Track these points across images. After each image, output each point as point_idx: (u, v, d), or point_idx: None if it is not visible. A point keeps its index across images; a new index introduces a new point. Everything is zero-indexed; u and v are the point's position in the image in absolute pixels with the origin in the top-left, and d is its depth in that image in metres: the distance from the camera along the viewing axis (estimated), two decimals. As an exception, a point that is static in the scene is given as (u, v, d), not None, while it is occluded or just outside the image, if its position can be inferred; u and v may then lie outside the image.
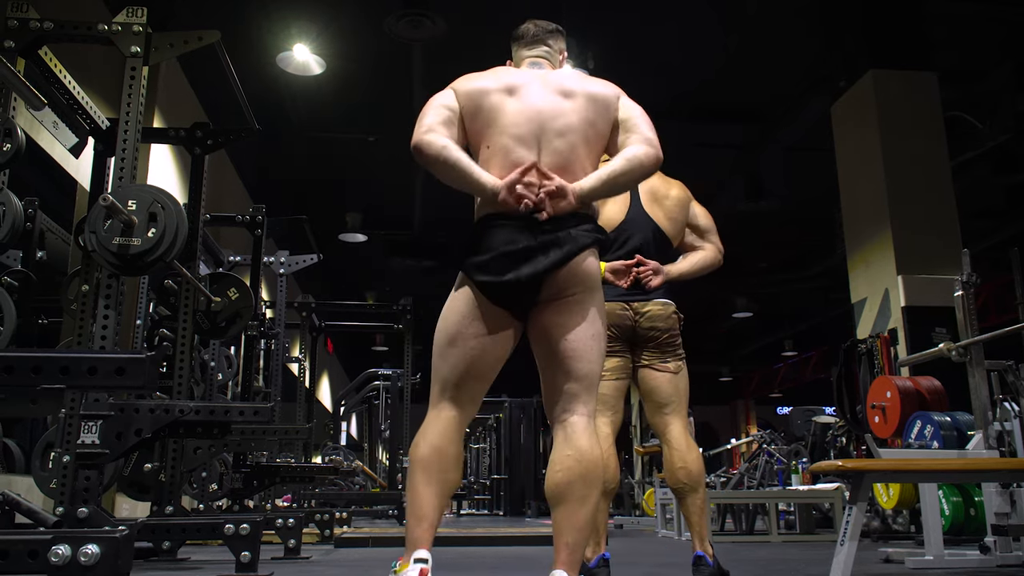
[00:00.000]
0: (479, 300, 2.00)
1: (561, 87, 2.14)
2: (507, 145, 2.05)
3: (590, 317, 2.01)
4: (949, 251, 7.20)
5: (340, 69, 8.26)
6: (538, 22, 2.43)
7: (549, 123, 2.07)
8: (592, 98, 2.13)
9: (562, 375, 2.00)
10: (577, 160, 2.07)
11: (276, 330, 7.13)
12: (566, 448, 1.94)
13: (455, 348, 2.00)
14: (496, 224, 2.00)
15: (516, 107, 2.08)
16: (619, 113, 2.16)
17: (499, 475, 13.37)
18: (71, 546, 1.65)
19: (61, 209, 5.71)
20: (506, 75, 2.18)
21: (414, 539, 1.89)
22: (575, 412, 1.98)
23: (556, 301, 1.99)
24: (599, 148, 2.15)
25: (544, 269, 1.94)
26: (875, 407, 6.01)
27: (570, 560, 1.85)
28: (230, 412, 3.16)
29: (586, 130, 2.10)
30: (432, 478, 1.93)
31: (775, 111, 9.30)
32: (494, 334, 2.00)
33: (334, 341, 17.72)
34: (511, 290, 1.97)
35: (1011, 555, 3.65)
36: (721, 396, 24.57)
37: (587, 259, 2.00)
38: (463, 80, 2.20)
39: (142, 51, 2.98)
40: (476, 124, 2.11)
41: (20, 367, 1.95)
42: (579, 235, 1.98)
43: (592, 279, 2.02)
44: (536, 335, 2.05)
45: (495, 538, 5.52)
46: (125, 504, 6.10)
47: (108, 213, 2.59)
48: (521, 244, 1.95)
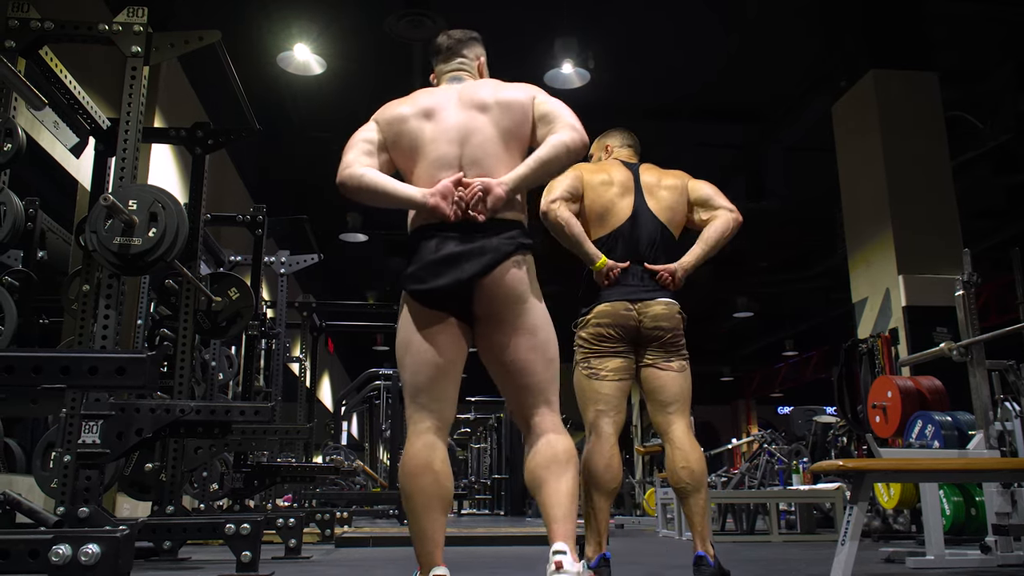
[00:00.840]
0: (418, 308, 2.08)
1: (475, 100, 2.19)
2: (430, 168, 2.12)
3: (528, 330, 2.08)
4: (950, 251, 7.20)
5: (341, 69, 8.27)
6: (452, 33, 2.46)
7: (467, 140, 2.13)
8: (507, 106, 2.18)
9: (514, 388, 2.11)
10: (500, 171, 2.11)
11: (277, 330, 7.13)
12: (535, 440, 2.07)
13: (410, 356, 2.08)
14: (426, 234, 2.07)
15: (434, 130, 2.15)
16: (536, 110, 2.19)
17: (500, 475, 13.37)
18: (72, 546, 1.65)
19: (62, 209, 5.71)
20: (423, 98, 2.23)
21: (426, 560, 1.96)
22: (536, 414, 2.09)
23: (492, 319, 2.06)
24: (521, 153, 2.19)
25: (467, 278, 2.00)
26: (876, 407, 6.01)
27: (564, 532, 1.92)
28: (231, 412, 3.16)
29: (505, 140, 2.15)
30: (428, 501, 1.98)
31: (776, 111, 9.30)
32: (441, 337, 2.06)
33: (335, 341, 17.72)
34: (439, 296, 2.04)
35: (1012, 555, 3.65)
36: (722, 396, 24.56)
37: (509, 270, 2.05)
38: (383, 109, 2.27)
39: (143, 51, 2.98)
40: (400, 151, 2.19)
41: (21, 367, 1.95)
42: (501, 244, 2.04)
43: (519, 291, 2.06)
44: (482, 352, 2.13)
45: (496, 538, 5.52)
46: (126, 504, 6.10)
47: (109, 213, 2.59)
48: (445, 251, 2.02)
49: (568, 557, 1.85)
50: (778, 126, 9.52)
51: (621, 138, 3.24)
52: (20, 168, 3.14)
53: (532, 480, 2.02)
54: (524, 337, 2.07)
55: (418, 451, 2.02)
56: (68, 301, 4.07)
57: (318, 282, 13.22)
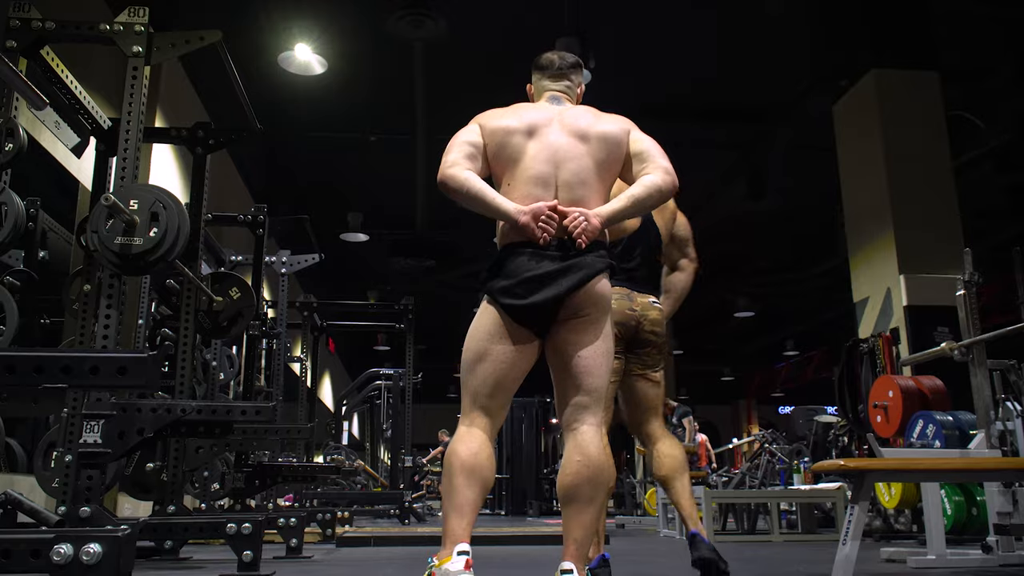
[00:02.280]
0: (504, 320, 2.18)
1: (577, 129, 2.30)
2: (526, 184, 2.23)
3: (601, 336, 2.20)
4: (951, 250, 7.19)
5: (342, 69, 8.27)
6: (563, 55, 2.56)
7: (564, 164, 2.25)
8: (604, 139, 2.30)
9: (573, 388, 2.18)
10: (591, 197, 2.24)
11: (278, 330, 7.13)
12: (576, 454, 2.11)
13: (483, 364, 2.18)
14: (519, 251, 2.18)
15: (536, 148, 2.26)
16: (631, 147, 2.33)
17: (501, 475, 13.38)
18: (73, 545, 1.65)
19: (63, 209, 5.71)
20: (527, 114, 2.34)
21: (455, 534, 2.01)
22: (585, 422, 2.16)
23: (571, 320, 2.18)
24: (610, 184, 2.33)
25: (564, 292, 2.12)
26: (877, 406, 6.00)
27: (577, 554, 2.04)
28: (232, 411, 3.17)
29: (599, 171, 2.28)
30: (473, 480, 2.07)
31: (777, 110, 9.30)
32: (518, 350, 2.19)
33: (336, 341, 17.72)
34: (533, 312, 2.15)
35: (1013, 554, 3.65)
36: (723, 396, 24.57)
37: (599, 282, 2.18)
38: (488, 117, 2.35)
39: (144, 51, 2.98)
40: (499, 161, 2.30)
41: (22, 366, 1.95)
42: (594, 261, 2.16)
43: (604, 301, 2.20)
44: (552, 351, 2.23)
45: (497, 537, 5.52)
46: (127, 504, 6.11)
47: (110, 213, 2.60)
48: (542, 270, 2.13)
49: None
50: (779, 125, 9.51)
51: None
52: (21, 168, 3.14)
53: (564, 496, 2.11)
54: (598, 341, 2.19)
55: (473, 438, 2.13)
56: (69, 301, 4.07)
57: (319, 282, 13.23)
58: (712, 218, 11.22)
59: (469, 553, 1.96)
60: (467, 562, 1.93)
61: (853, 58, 8.27)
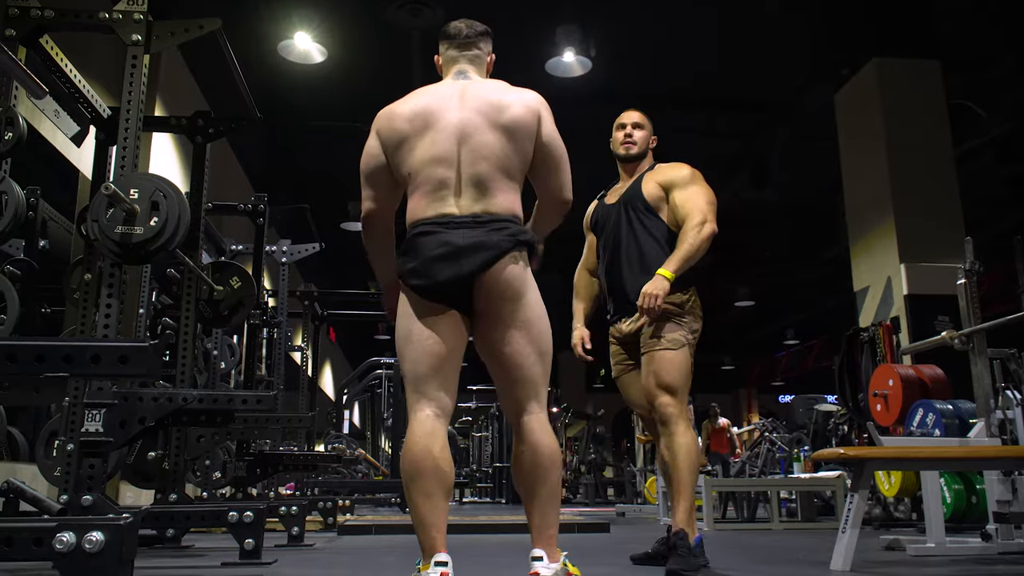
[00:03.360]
0: (417, 301, 2.13)
1: (481, 103, 2.20)
2: (428, 165, 2.16)
3: (522, 324, 2.12)
4: (952, 239, 7.19)
5: (341, 57, 8.24)
6: (471, 23, 2.44)
7: (467, 140, 2.15)
8: (511, 115, 2.19)
9: (507, 382, 2.15)
10: (494, 176, 2.15)
11: (278, 319, 7.13)
12: (520, 445, 2.13)
13: (411, 346, 2.13)
14: (425, 231, 2.12)
15: (436, 130, 2.18)
16: (541, 148, 2.22)
17: (501, 463, 13.40)
18: (76, 533, 1.65)
19: (63, 198, 5.71)
20: (423, 99, 2.26)
21: (428, 546, 2.00)
22: (526, 412, 2.14)
23: (490, 314, 2.12)
24: (520, 162, 2.21)
25: (465, 273, 2.06)
26: (877, 395, 6.01)
27: (544, 539, 2.05)
28: (233, 400, 3.18)
29: (504, 148, 2.17)
30: (429, 487, 2.02)
31: (779, 100, 9.27)
32: (441, 326, 2.12)
33: (336, 330, 17.72)
34: (439, 290, 2.09)
35: (1013, 542, 3.66)
36: (723, 385, 24.58)
37: (507, 267, 2.08)
38: (384, 118, 2.28)
39: (143, 39, 2.97)
40: (400, 154, 2.21)
41: (23, 355, 1.95)
42: (500, 240, 2.07)
43: (513, 288, 2.10)
44: (479, 346, 2.19)
45: (497, 526, 5.54)
46: (129, 492, 6.13)
47: (110, 202, 2.59)
48: (445, 249, 2.07)
49: (545, 563, 2.00)
50: (780, 115, 9.48)
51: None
52: (21, 157, 3.14)
53: (518, 484, 2.14)
54: (519, 331, 2.11)
55: (419, 439, 2.05)
56: (70, 290, 4.07)
57: (319, 271, 13.22)
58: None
59: (447, 564, 1.96)
60: (442, 574, 1.94)
61: (854, 47, 8.24)
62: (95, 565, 1.64)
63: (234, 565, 3.14)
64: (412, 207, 2.18)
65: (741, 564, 3.44)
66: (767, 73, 8.81)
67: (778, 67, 8.70)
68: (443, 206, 2.12)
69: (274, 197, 5.72)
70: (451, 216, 2.10)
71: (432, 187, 2.14)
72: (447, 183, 2.13)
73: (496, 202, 2.12)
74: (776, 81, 8.95)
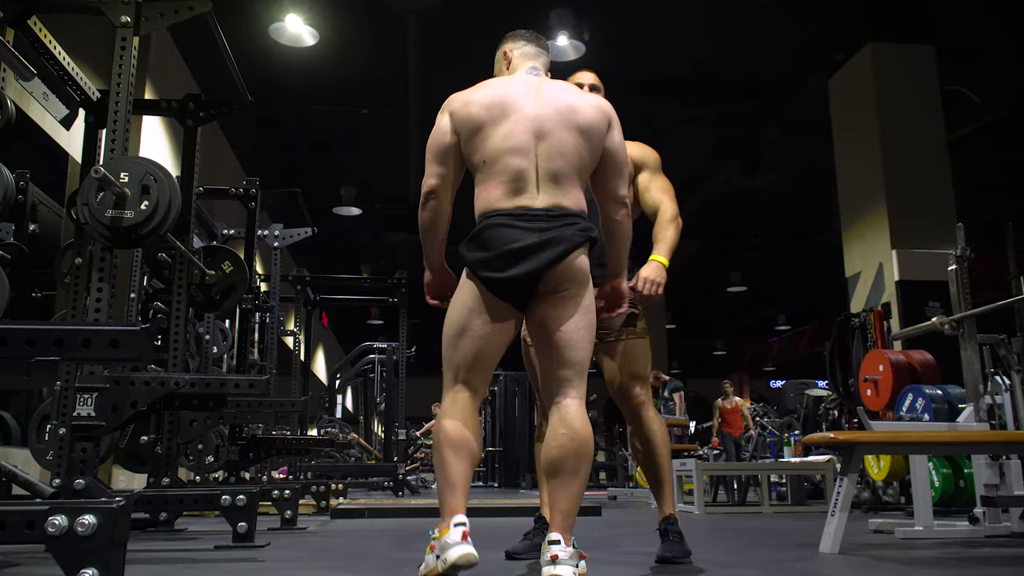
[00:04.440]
0: (483, 294, 2.18)
1: (556, 102, 2.27)
2: (505, 155, 2.21)
3: (582, 309, 2.18)
4: (944, 226, 7.22)
5: (333, 40, 8.19)
6: (540, 36, 2.57)
7: (545, 136, 2.22)
8: (586, 117, 2.26)
9: (556, 362, 2.18)
10: (568, 173, 2.22)
11: (271, 303, 7.12)
12: (561, 427, 2.12)
13: (464, 338, 2.19)
14: (497, 223, 2.17)
15: (512, 120, 2.23)
16: (611, 134, 2.31)
17: (494, 447, 13.46)
18: (68, 517, 1.65)
19: (53, 182, 5.67)
20: (501, 88, 2.31)
21: (451, 506, 2.06)
22: (568, 396, 2.16)
23: (551, 295, 2.17)
24: (589, 161, 2.28)
25: (543, 266, 2.12)
26: (867, 380, 6.05)
27: (564, 524, 2.05)
28: (225, 385, 3.17)
29: (577, 146, 2.24)
30: (460, 452, 2.11)
31: (772, 85, 9.25)
32: (498, 324, 2.19)
33: (329, 315, 17.71)
34: (512, 285, 2.15)
35: (1000, 526, 3.70)
36: (715, 370, 24.68)
37: (578, 257, 2.17)
38: (459, 102, 2.30)
39: (132, 21, 2.94)
40: (473, 142, 2.26)
41: (14, 339, 1.95)
42: (573, 235, 2.15)
43: (582, 275, 2.18)
44: (533, 326, 2.23)
45: (490, 509, 5.57)
46: (122, 476, 6.13)
47: (100, 185, 2.58)
48: (522, 242, 2.12)
49: (562, 546, 2.01)
50: (774, 100, 9.47)
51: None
52: (9, 140, 3.12)
53: (549, 469, 2.12)
54: (580, 314, 2.18)
55: (458, 411, 2.16)
56: (61, 274, 4.06)
57: (312, 256, 13.19)
58: (706, 193, 11.22)
59: (466, 524, 2.00)
60: (463, 533, 1.97)
61: (849, 32, 8.22)
62: (88, 548, 1.64)
63: (227, 548, 3.15)
64: (486, 195, 2.22)
65: (731, 547, 3.47)
66: (761, 58, 8.79)
67: (772, 52, 8.68)
68: (520, 198, 2.18)
69: (266, 181, 5.70)
70: (528, 209, 2.17)
71: (509, 177, 2.19)
72: (525, 175, 2.19)
73: (568, 197, 2.20)
74: (770, 66, 8.93)
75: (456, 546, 1.95)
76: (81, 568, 1.63)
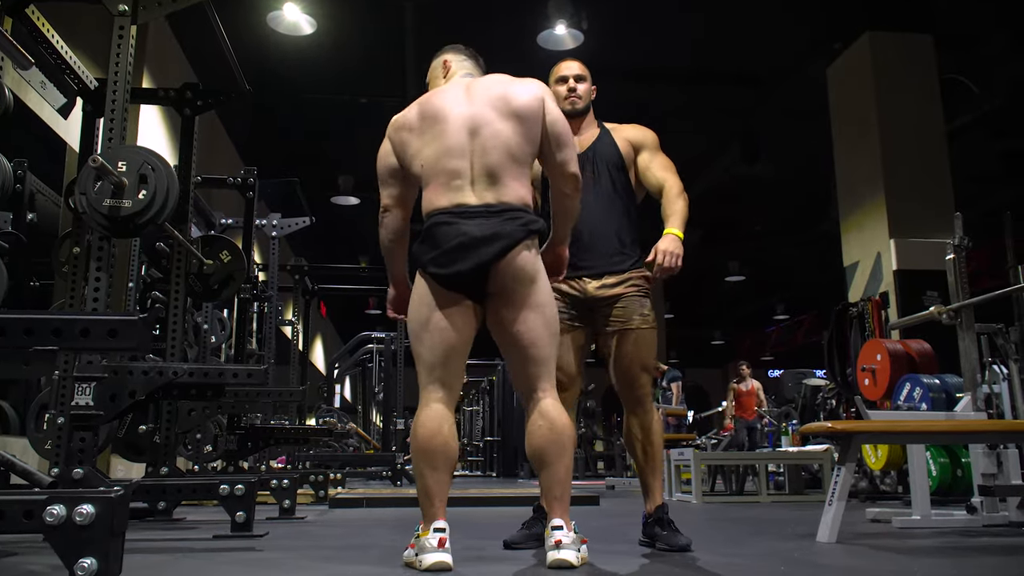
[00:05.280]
0: (435, 289, 2.25)
1: (489, 96, 2.32)
2: (442, 157, 2.27)
3: (537, 307, 2.24)
4: (942, 215, 7.22)
5: (331, 29, 8.15)
6: (478, 55, 2.62)
7: (479, 132, 2.27)
8: (519, 103, 2.31)
9: (522, 362, 2.26)
10: (506, 164, 2.27)
11: (269, 293, 7.11)
12: (539, 419, 2.22)
13: (427, 333, 2.26)
14: (439, 221, 2.23)
15: (446, 125, 2.30)
16: (549, 127, 2.34)
17: (492, 437, 13.48)
18: (66, 506, 1.66)
19: (51, 171, 5.65)
20: (431, 101, 2.37)
21: (430, 514, 2.17)
22: (540, 390, 2.25)
23: (505, 296, 2.23)
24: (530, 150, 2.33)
25: (485, 262, 2.18)
26: (865, 370, 6.05)
27: (560, 508, 2.15)
28: (223, 374, 3.18)
29: (515, 135, 2.29)
30: (435, 462, 2.20)
31: (771, 74, 9.23)
32: (457, 316, 2.25)
33: (327, 304, 17.70)
34: (459, 280, 2.21)
35: (997, 515, 3.71)
36: (713, 359, 24.71)
37: (520, 254, 2.22)
38: (395, 126, 2.41)
39: (130, 9, 2.92)
40: (411, 155, 2.35)
41: (12, 329, 1.94)
42: (514, 230, 2.20)
43: (527, 273, 2.23)
44: (492, 327, 2.30)
45: (489, 498, 5.58)
46: (120, 466, 6.14)
47: (98, 174, 2.57)
48: (465, 238, 2.18)
49: (564, 531, 2.10)
50: (772, 89, 9.45)
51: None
52: (7, 129, 3.10)
53: (534, 457, 2.22)
54: (533, 312, 2.24)
55: (430, 419, 2.22)
56: (58, 264, 4.05)
57: (310, 245, 13.18)
58: (705, 182, 11.20)
59: (445, 531, 2.13)
60: (440, 540, 2.10)
61: (847, 21, 8.19)
62: (86, 537, 1.64)
63: (226, 538, 3.16)
64: (428, 197, 2.29)
65: (729, 536, 3.48)
66: (759, 47, 8.76)
67: (770, 41, 8.65)
68: (458, 196, 2.23)
69: (264, 170, 5.68)
70: (466, 206, 2.22)
71: (447, 177, 2.25)
72: (461, 173, 2.25)
73: (508, 191, 2.24)
74: (768, 55, 8.90)
75: (432, 552, 2.08)
76: (79, 558, 1.63)
